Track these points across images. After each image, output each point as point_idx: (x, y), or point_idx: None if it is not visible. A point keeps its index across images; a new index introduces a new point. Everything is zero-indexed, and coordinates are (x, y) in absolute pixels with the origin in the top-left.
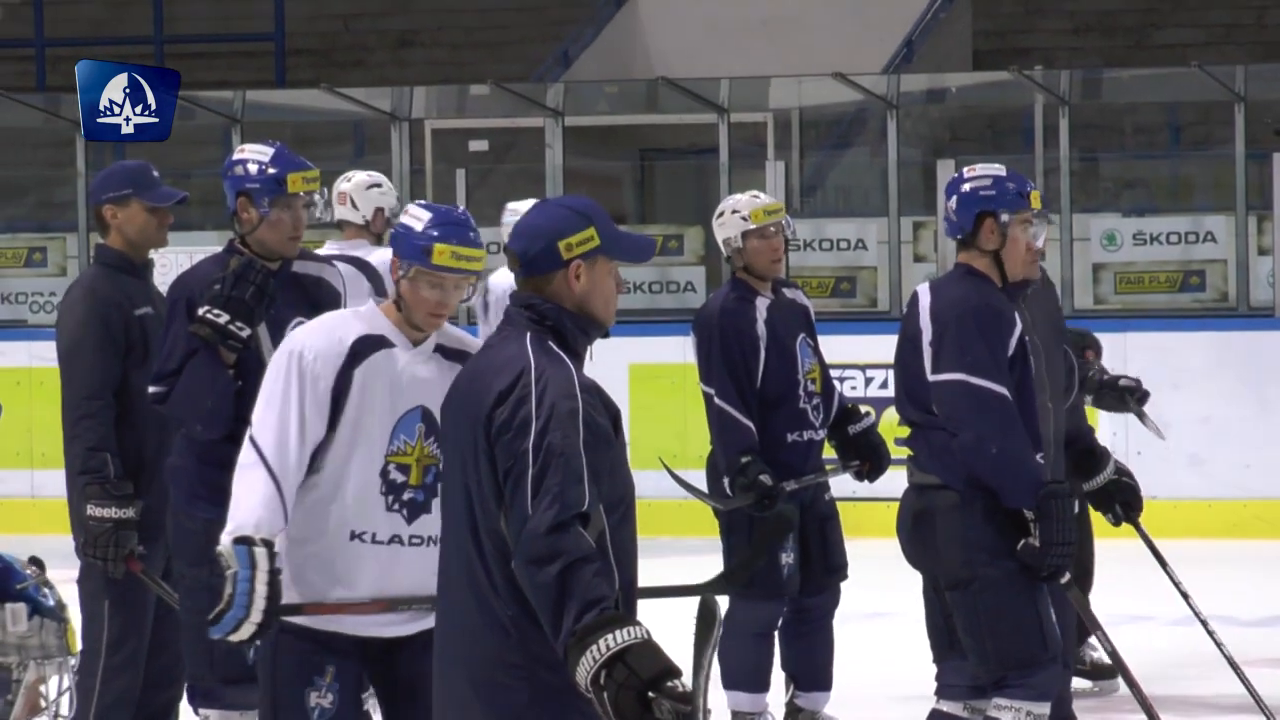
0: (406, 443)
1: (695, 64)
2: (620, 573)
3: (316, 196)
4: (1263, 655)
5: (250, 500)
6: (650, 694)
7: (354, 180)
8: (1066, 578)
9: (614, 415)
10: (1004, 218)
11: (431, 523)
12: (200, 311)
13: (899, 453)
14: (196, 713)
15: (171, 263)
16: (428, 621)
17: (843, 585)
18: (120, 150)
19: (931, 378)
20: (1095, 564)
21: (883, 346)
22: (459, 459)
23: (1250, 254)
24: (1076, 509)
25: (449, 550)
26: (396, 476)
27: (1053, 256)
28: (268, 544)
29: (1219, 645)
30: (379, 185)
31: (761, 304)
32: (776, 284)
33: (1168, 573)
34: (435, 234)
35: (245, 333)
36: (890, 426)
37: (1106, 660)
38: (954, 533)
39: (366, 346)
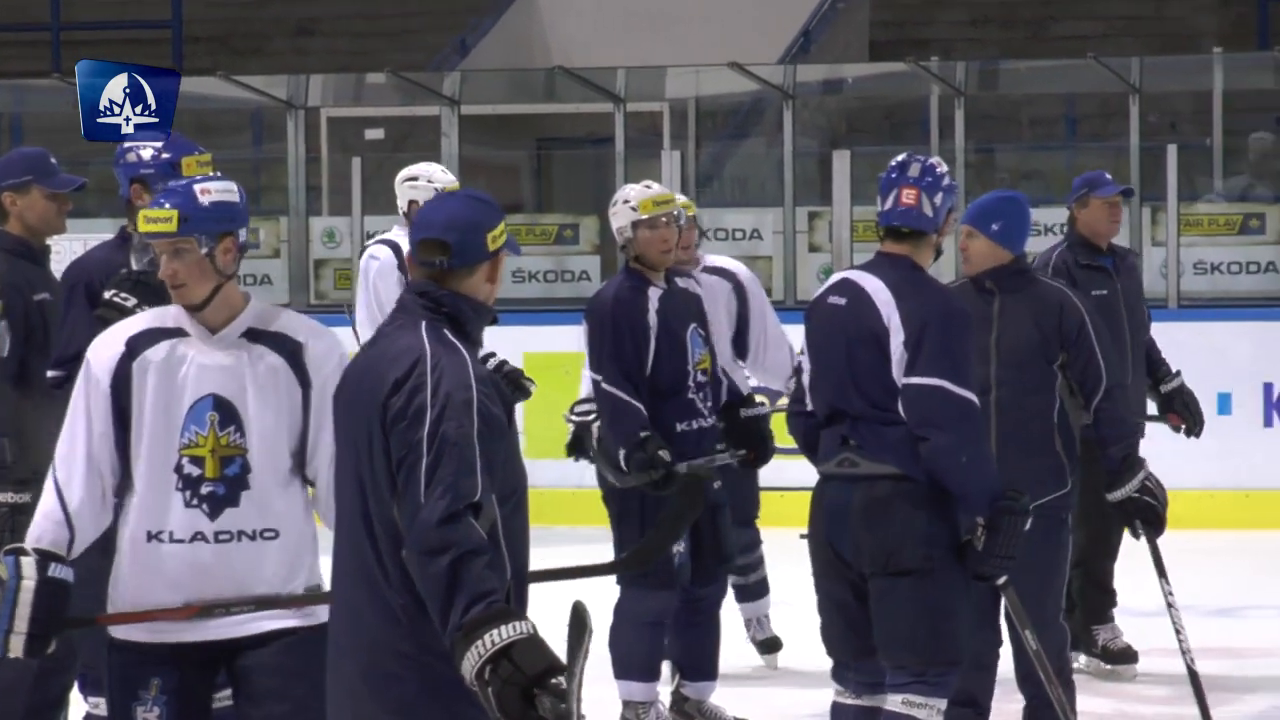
0: (198, 433)
1: (592, 53)
2: (511, 562)
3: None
4: (1154, 644)
5: (38, 513)
6: (534, 690)
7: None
8: (1004, 579)
9: (508, 405)
10: (955, 212)
11: (242, 518)
12: (107, 295)
13: (785, 442)
14: (86, 700)
15: (66, 249)
16: (263, 623)
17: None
18: (17, 137)
19: (906, 380)
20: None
21: None
22: (352, 448)
23: (1145, 245)
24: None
25: (341, 540)
26: (191, 470)
27: (950, 248)
28: (43, 554)
29: (1187, 652)
30: (414, 178)
31: (654, 294)
32: (670, 273)
33: (1168, 600)
34: None
35: None
36: (784, 415)
37: (1122, 644)
38: (916, 523)
39: (147, 339)
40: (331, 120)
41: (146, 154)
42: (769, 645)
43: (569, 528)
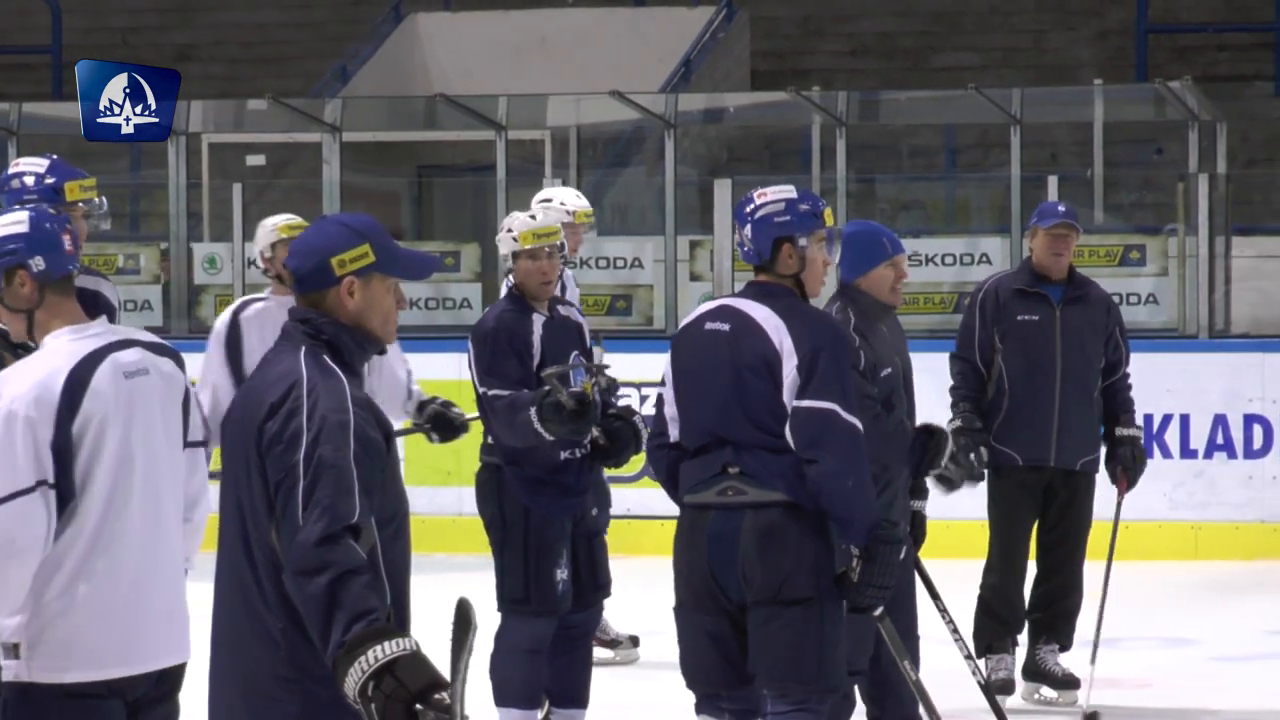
0: None
1: (473, 81)
2: (392, 586)
3: (95, 203)
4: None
5: None
6: (417, 706)
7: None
8: (879, 611)
9: (387, 430)
10: (801, 242)
11: None
12: None
13: None
14: None
15: None
16: None
17: (611, 602)
18: None
19: (797, 403)
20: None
21: (658, 364)
22: (232, 473)
23: None
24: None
25: (222, 564)
26: None
27: (830, 277)
28: None
29: (975, 671)
30: (546, 200)
31: (537, 320)
32: (553, 302)
33: (938, 605)
34: None
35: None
36: None
37: (1004, 676)
38: (807, 551)
39: None
40: (212, 146)
41: (30, 180)
42: None
43: (448, 555)
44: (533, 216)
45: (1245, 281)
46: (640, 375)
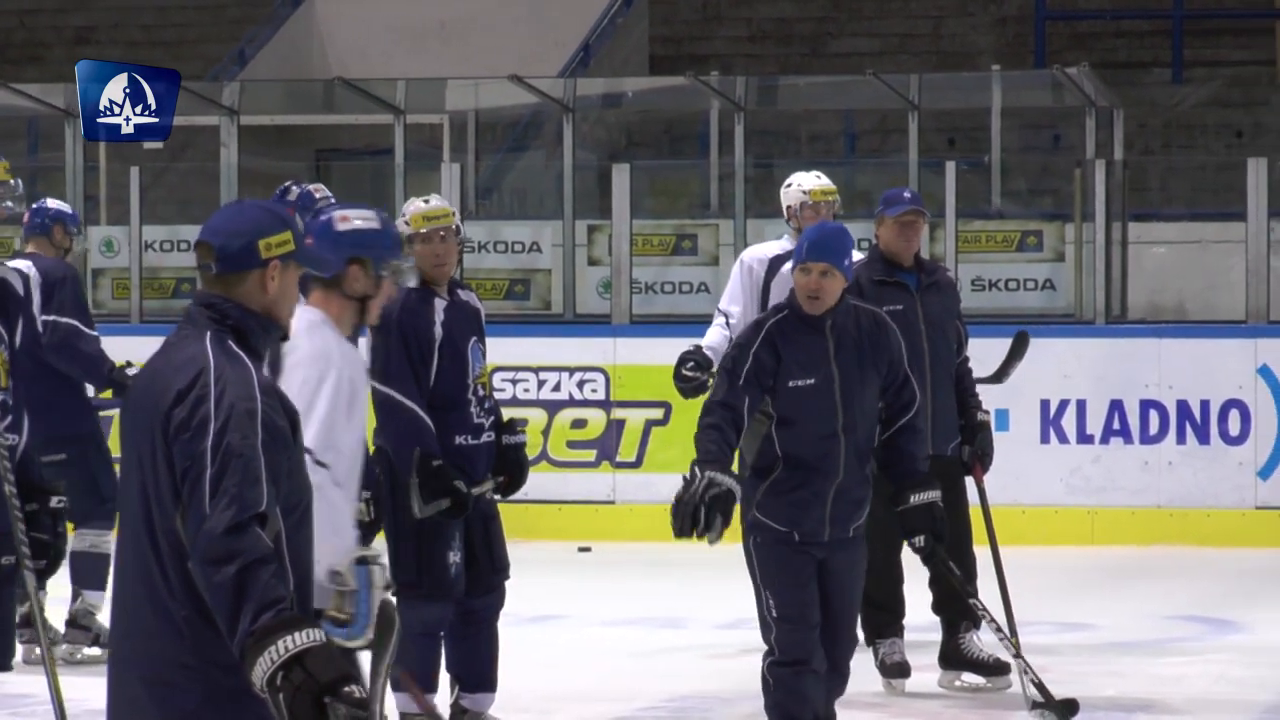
0: None
1: (372, 65)
2: (295, 573)
3: (11, 185)
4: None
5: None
6: (326, 698)
7: None
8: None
9: (293, 417)
10: None
11: None
12: None
13: (562, 455)
14: None
15: None
16: None
17: (509, 587)
18: None
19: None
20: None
21: (556, 349)
22: (136, 458)
23: None
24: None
25: (125, 550)
26: None
27: (727, 262)
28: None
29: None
30: (788, 184)
31: (439, 305)
32: (453, 285)
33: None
34: None
35: None
36: (563, 428)
37: (898, 659)
38: None
39: None
40: None
41: None
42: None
43: None
44: (426, 200)
45: (1142, 268)
46: (537, 360)
